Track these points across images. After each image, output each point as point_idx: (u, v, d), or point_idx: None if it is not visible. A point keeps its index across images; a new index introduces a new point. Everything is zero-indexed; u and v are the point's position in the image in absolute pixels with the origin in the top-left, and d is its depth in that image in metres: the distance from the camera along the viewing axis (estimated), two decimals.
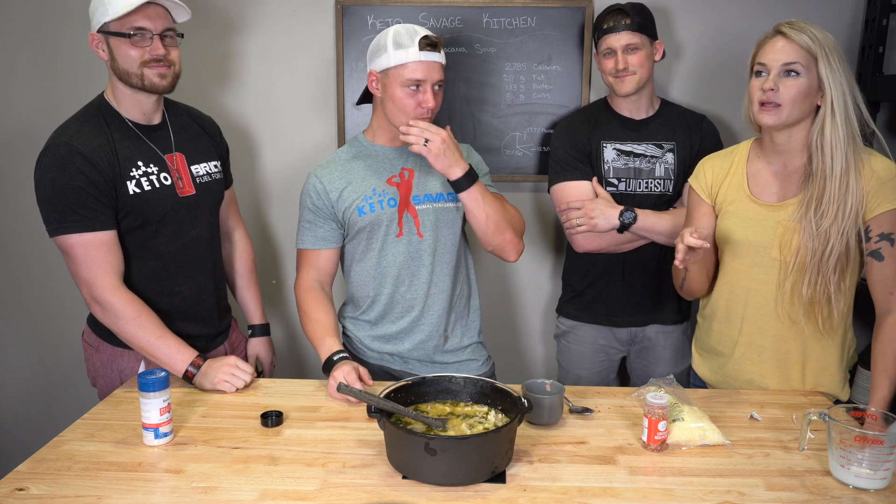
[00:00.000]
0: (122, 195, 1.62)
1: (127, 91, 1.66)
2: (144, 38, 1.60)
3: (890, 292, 1.53)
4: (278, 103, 2.45)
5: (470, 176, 1.70)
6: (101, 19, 1.60)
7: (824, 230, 1.50)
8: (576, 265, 2.19)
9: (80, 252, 1.59)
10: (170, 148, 1.74)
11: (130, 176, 1.64)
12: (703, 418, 1.42)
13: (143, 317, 1.63)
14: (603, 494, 1.23)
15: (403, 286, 1.80)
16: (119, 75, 1.63)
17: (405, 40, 1.65)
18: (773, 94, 1.50)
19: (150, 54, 1.61)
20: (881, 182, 1.50)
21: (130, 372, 1.76)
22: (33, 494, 1.21)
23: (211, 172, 1.83)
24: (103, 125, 1.64)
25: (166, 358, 1.63)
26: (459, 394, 1.46)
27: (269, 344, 2.08)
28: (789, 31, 1.49)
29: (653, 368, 2.16)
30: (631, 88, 2.00)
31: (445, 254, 1.81)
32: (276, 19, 2.39)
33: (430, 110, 1.69)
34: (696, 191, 1.73)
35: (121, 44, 1.60)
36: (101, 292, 1.60)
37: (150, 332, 1.63)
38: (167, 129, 1.76)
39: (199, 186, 1.78)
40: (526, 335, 2.62)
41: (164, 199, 1.69)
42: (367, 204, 1.75)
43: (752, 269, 1.62)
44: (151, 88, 1.64)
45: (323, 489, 1.24)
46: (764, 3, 2.33)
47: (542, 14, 2.34)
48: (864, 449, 1.22)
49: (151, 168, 1.68)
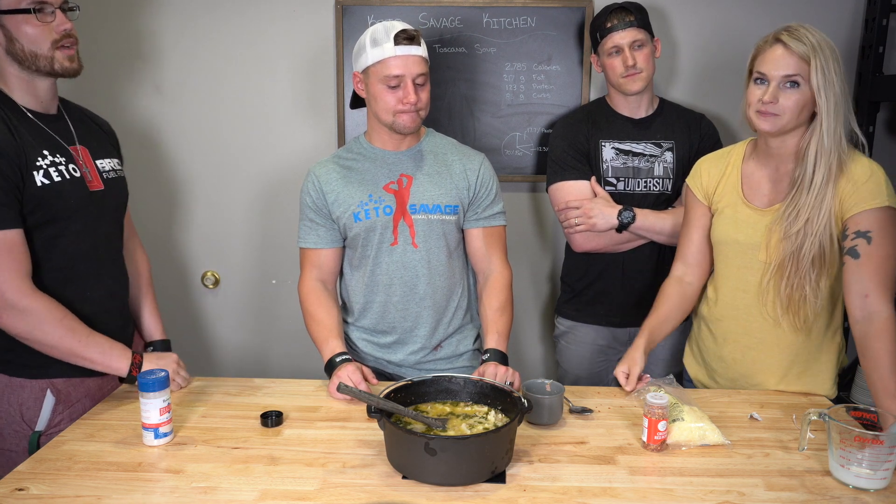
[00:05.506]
0: (29, 186, 1.45)
1: (23, 76, 1.49)
2: (46, 14, 1.45)
3: (865, 294, 1.45)
4: (278, 103, 2.44)
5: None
6: None
7: (795, 231, 1.51)
8: (574, 265, 2.19)
9: None
10: (72, 140, 1.59)
11: (37, 165, 1.47)
12: (703, 418, 1.42)
13: (68, 317, 1.48)
14: (603, 494, 1.23)
15: (396, 296, 1.78)
16: (19, 59, 1.46)
17: (381, 37, 1.64)
18: (772, 105, 1.50)
19: (58, 31, 1.46)
20: (859, 183, 1.49)
21: (33, 404, 1.54)
22: (33, 494, 1.21)
23: (115, 169, 1.69)
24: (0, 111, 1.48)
25: (101, 358, 1.52)
26: (459, 394, 1.46)
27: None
28: (788, 40, 1.48)
29: (651, 369, 2.16)
30: (640, 87, 1.99)
31: (440, 266, 1.78)
32: (275, 19, 2.38)
33: (413, 105, 1.66)
34: (693, 191, 1.73)
35: (21, 22, 1.43)
36: (16, 297, 1.42)
37: (79, 332, 1.49)
38: (66, 121, 1.61)
39: (106, 182, 1.63)
40: (525, 335, 2.62)
41: (74, 191, 1.53)
42: (362, 210, 1.73)
43: (741, 270, 1.63)
44: (62, 72, 1.50)
45: (323, 489, 1.24)
46: (764, 3, 2.33)
47: (542, 14, 2.34)
48: (864, 449, 1.22)
49: (59, 158, 1.52)
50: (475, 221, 1.81)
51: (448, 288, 1.81)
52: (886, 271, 1.46)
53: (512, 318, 1.79)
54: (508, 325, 1.76)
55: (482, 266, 1.83)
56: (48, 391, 1.54)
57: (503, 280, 1.80)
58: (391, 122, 1.69)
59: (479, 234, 1.81)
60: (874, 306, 1.44)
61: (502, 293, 1.78)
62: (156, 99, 2.43)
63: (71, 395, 1.58)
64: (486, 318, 1.76)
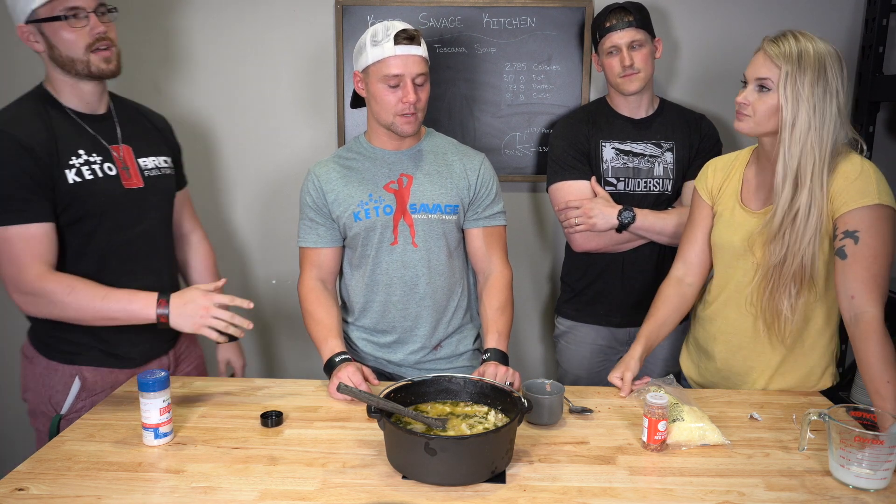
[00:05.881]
0: (61, 184, 1.52)
1: (67, 80, 1.58)
2: (80, 18, 1.51)
3: (852, 296, 1.44)
4: (278, 103, 2.45)
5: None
6: (26, 8, 1.51)
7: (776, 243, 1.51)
8: (574, 265, 2.19)
9: (5, 248, 1.49)
10: (115, 139, 1.65)
11: (70, 164, 1.54)
12: (702, 418, 1.42)
13: (79, 285, 1.51)
14: (603, 494, 1.23)
15: (396, 296, 1.78)
16: (61, 64, 1.55)
17: (381, 37, 1.64)
18: (744, 107, 1.52)
19: (92, 35, 1.53)
20: (848, 182, 1.47)
21: (62, 388, 1.63)
22: (33, 494, 1.21)
23: (161, 167, 1.74)
24: (42, 111, 1.56)
25: (124, 312, 1.51)
26: (459, 394, 1.46)
27: (238, 348, 2.02)
28: (768, 46, 1.49)
29: (651, 369, 2.16)
30: (637, 87, 2.00)
31: (440, 265, 1.78)
32: (275, 19, 2.38)
33: (412, 104, 1.66)
34: (699, 192, 1.74)
35: (57, 29, 1.51)
36: (28, 283, 1.49)
37: (94, 294, 1.51)
38: (112, 121, 1.67)
39: (147, 180, 1.68)
40: (525, 335, 2.62)
41: (106, 189, 1.59)
42: (362, 209, 1.73)
43: (737, 271, 1.64)
44: (99, 74, 1.57)
45: (323, 489, 1.24)
46: (764, 4, 2.33)
47: (542, 14, 2.34)
48: (864, 449, 1.22)
49: (94, 157, 1.59)
50: (475, 221, 1.81)
51: (448, 288, 1.81)
52: (874, 271, 1.44)
53: (512, 318, 1.79)
54: (509, 325, 1.76)
55: (482, 266, 1.83)
56: (76, 377, 1.61)
57: (503, 280, 1.80)
58: (390, 123, 1.70)
59: (480, 233, 1.81)
60: (860, 307, 1.43)
61: (502, 293, 1.78)
62: (156, 99, 2.43)
63: (96, 385, 1.64)
64: (487, 317, 1.76)
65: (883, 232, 1.45)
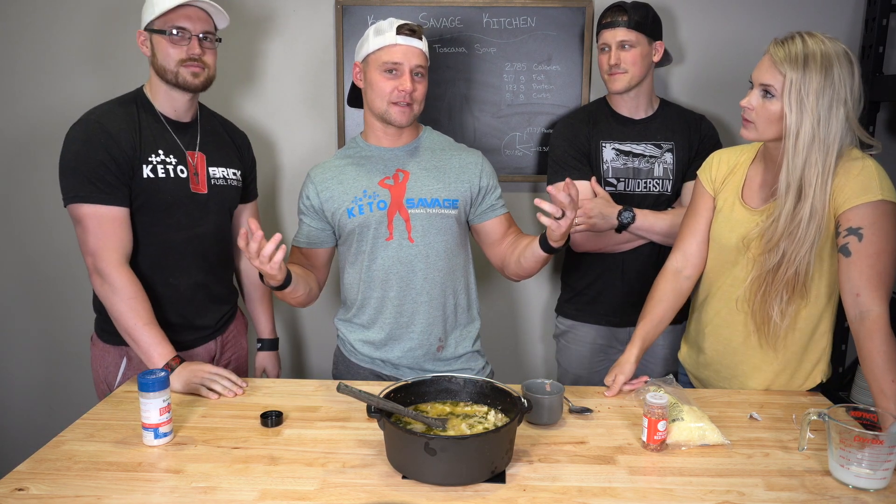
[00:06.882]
0: (137, 177, 1.69)
1: (163, 86, 1.75)
2: (184, 38, 1.70)
3: (857, 293, 1.43)
4: (278, 103, 2.45)
5: None
6: (147, 18, 1.71)
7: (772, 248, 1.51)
8: (575, 265, 2.19)
9: (93, 223, 1.65)
10: (193, 146, 1.81)
11: (148, 160, 1.71)
12: (702, 418, 1.42)
13: (139, 300, 1.66)
14: (603, 494, 1.23)
15: (392, 291, 1.77)
16: (157, 71, 1.73)
17: (384, 27, 1.69)
18: (748, 111, 1.51)
19: (188, 53, 1.70)
20: (850, 179, 1.46)
21: (114, 369, 1.80)
22: (33, 494, 1.21)
23: (227, 178, 1.87)
24: (134, 111, 1.74)
25: (147, 347, 1.64)
26: (459, 394, 1.46)
27: (276, 358, 2.12)
28: (774, 50, 1.47)
29: (651, 368, 2.17)
30: (621, 87, 2.00)
31: (438, 261, 1.77)
32: (275, 19, 2.39)
33: (408, 93, 1.67)
34: (702, 182, 1.73)
35: (162, 41, 1.70)
36: (105, 265, 1.64)
37: (141, 316, 1.65)
38: (195, 129, 1.83)
39: (212, 188, 1.82)
40: (525, 335, 2.62)
41: (174, 189, 1.74)
42: (356, 206, 1.74)
43: (734, 267, 1.63)
44: (184, 85, 1.72)
45: (323, 489, 1.24)
46: (766, 5, 2.33)
47: (542, 14, 2.34)
48: (864, 449, 1.22)
49: (170, 159, 1.75)
50: (492, 211, 1.83)
51: (446, 284, 1.80)
52: (879, 268, 1.43)
53: None
54: None
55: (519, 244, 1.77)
56: (125, 358, 1.78)
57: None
58: (384, 111, 1.70)
59: (503, 220, 1.84)
60: (865, 305, 1.42)
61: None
62: None
63: (143, 366, 1.73)
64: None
65: (887, 228, 1.44)
